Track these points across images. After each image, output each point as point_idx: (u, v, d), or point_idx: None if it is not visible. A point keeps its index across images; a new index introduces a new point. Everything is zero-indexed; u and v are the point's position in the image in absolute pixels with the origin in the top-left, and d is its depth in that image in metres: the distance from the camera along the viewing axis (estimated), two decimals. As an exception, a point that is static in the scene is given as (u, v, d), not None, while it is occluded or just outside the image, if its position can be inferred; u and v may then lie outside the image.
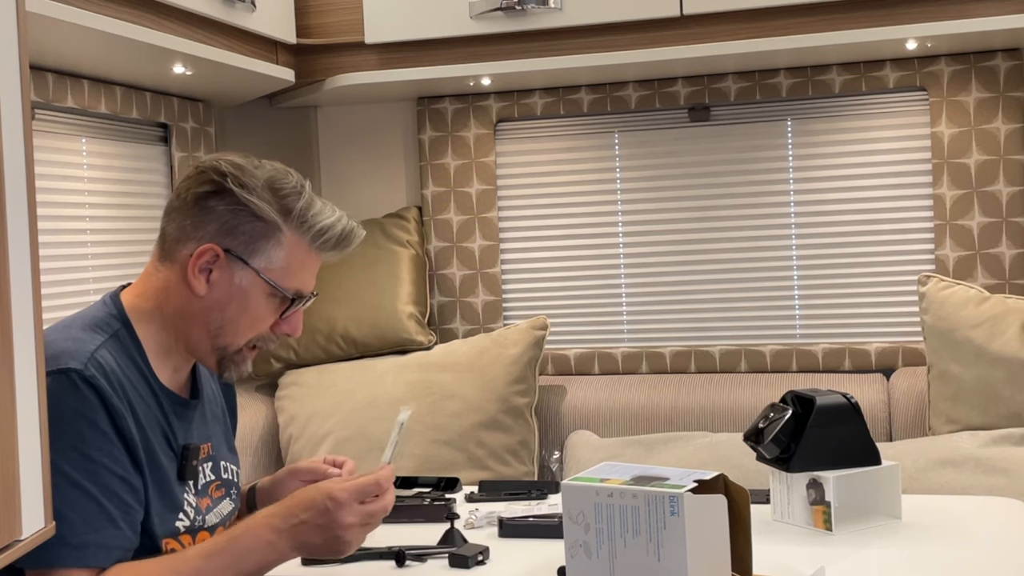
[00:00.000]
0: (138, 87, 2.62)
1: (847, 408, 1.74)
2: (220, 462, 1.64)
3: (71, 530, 1.37)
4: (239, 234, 1.50)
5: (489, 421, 2.74)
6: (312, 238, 1.54)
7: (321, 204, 1.56)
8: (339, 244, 1.57)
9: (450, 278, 3.08)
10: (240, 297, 1.52)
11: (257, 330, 1.55)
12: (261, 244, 1.51)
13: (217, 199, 1.50)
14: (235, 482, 1.68)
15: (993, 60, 2.72)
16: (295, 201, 1.52)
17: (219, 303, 1.52)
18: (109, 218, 2.60)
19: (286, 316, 1.56)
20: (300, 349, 2.96)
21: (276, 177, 1.53)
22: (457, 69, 2.76)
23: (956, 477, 2.34)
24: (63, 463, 1.38)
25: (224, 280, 1.51)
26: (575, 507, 1.37)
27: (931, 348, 2.57)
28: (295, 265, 1.54)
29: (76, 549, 1.38)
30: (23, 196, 1.16)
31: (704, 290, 2.97)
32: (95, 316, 1.52)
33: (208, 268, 1.51)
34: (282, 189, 1.52)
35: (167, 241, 1.54)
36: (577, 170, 3.04)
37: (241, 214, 1.50)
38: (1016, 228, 2.73)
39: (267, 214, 1.50)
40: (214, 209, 1.50)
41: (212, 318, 1.52)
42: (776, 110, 2.91)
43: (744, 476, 1.80)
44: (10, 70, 1.15)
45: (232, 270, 1.51)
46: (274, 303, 1.54)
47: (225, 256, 1.50)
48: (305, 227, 1.53)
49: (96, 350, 1.44)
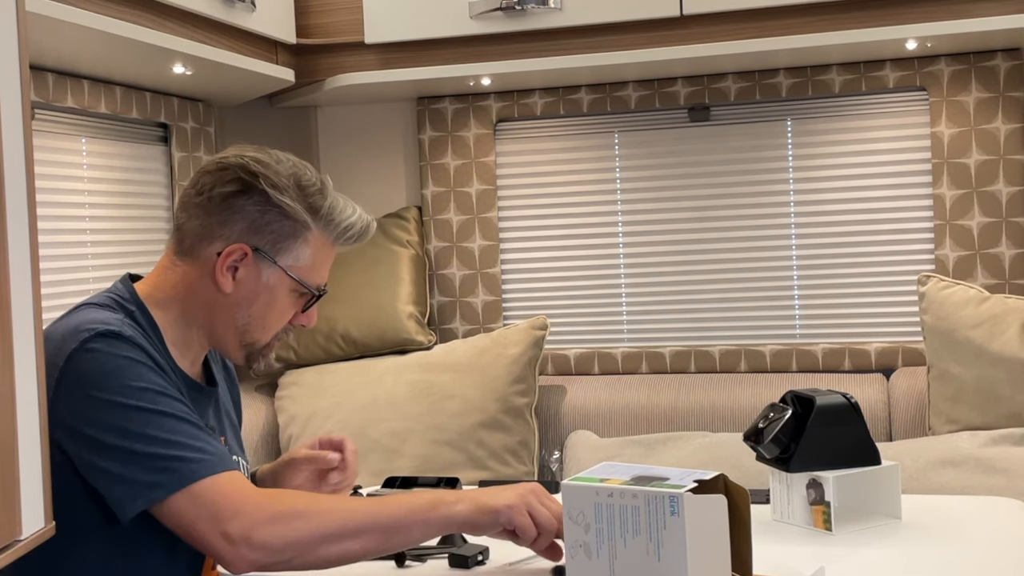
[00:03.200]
0: (138, 87, 2.62)
1: (847, 408, 1.73)
2: (233, 456, 1.65)
3: (188, 448, 1.39)
4: (267, 233, 1.52)
5: (489, 421, 2.74)
6: (337, 236, 1.57)
7: (342, 200, 1.58)
8: (359, 238, 1.61)
9: (450, 278, 3.08)
10: (267, 294, 1.54)
11: (281, 324, 1.58)
12: (289, 243, 1.53)
13: (245, 198, 1.51)
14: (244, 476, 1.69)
15: (993, 60, 2.72)
16: (321, 200, 1.54)
17: (246, 300, 1.53)
18: (109, 218, 2.60)
19: (307, 310, 1.59)
20: (300, 349, 2.96)
21: (299, 174, 1.54)
22: (457, 69, 2.76)
23: (956, 477, 2.34)
24: (144, 402, 1.39)
25: (251, 278, 1.53)
26: (575, 507, 1.37)
27: (931, 348, 2.57)
28: (319, 261, 1.57)
29: (203, 462, 1.39)
30: (23, 196, 1.16)
31: (704, 290, 2.97)
32: (107, 296, 1.52)
33: (235, 266, 1.52)
34: (308, 187, 1.54)
35: (187, 237, 1.54)
36: (577, 170, 3.04)
37: (270, 214, 1.51)
38: (1016, 228, 2.73)
39: (298, 214, 1.52)
40: (243, 208, 1.51)
41: (238, 315, 1.54)
42: (776, 110, 2.91)
43: (744, 476, 1.80)
44: (10, 70, 1.15)
45: (259, 268, 1.53)
46: (296, 298, 1.57)
47: (253, 254, 1.51)
48: (332, 225, 1.55)
49: (122, 320, 1.46)
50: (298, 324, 1.60)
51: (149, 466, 1.37)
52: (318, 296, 1.58)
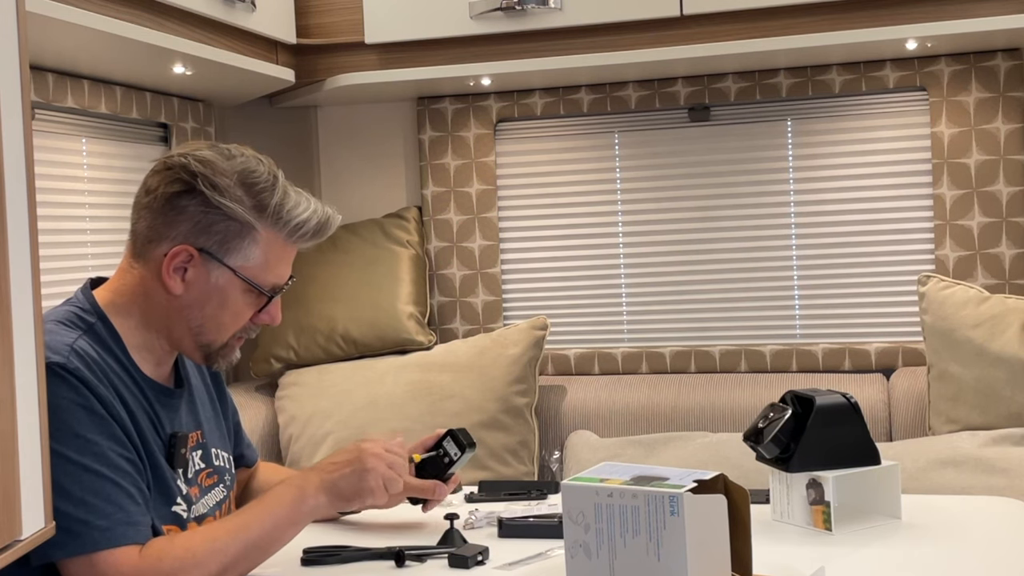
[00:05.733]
0: (138, 87, 2.62)
1: (847, 408, 1.73)
2: (211, 449, 1.65)
3: (96, 513, 1.38)
4: (213, 233, 1.50)
5: (489, 421, 2.74)
6: (288, 233, 1.54)
7: (295, 196, 1.54)
8: (315, 235, 1.57)
9: (450, 278, 3.08)
10: (218, 295, 1.52)
11: (239, 324, 1.56)
12: (236, 243, 1.51)
13: (188, 198, 1.49)
14: (227, 468, 1.69)
15: (993, 60, 2.72)
16: (269, 197, 1.51)
17: (197, 302, 1.52)
18: (109, 218, 2.60)
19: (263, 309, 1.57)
20: (300, 349, 2.95)
21: (248, 170, 1.51)
22: (457, 69, 2.76)
23: (956, 477, 2.34)
24: (69, 451, 1.38)
25: (200, 279, 1.51)
26: (575, 507, 1.37)
27: (931, 348, 2.57)
28: (272, 260, 1.54)
29: (107, 531, 1.39)
30: (23, 196, 1.16)
31: (704, 290, 2.97)
32: (68, 311, 1.52)
33: (183, 267, 1.51)
34: (256, 184, 1.51)
35: (139, 239, 1.54)
36: (577, 170, 3.04)
37: (212, 214, 1.49)
38: (1016, 228, 2.73)
39: (240, 215, 1.50)
40: (186, 209, 1.50)
41: (192, 316, 1.53)
42: (776, 110, 2.91)
43: (744, 476, 1.79)
44: (10, 70, 1.15)
45: (208, 269, 1.51)
46: (252, 298, 1.55)
47: (200, 256, 1.50)
48: (281, 223, 1.53)
49: (74, 342, 1.45)
50: (260, 323, 1.58)
51: (56, 522, 1.37)
52: (271, 296, 1.56)
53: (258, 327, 1.59)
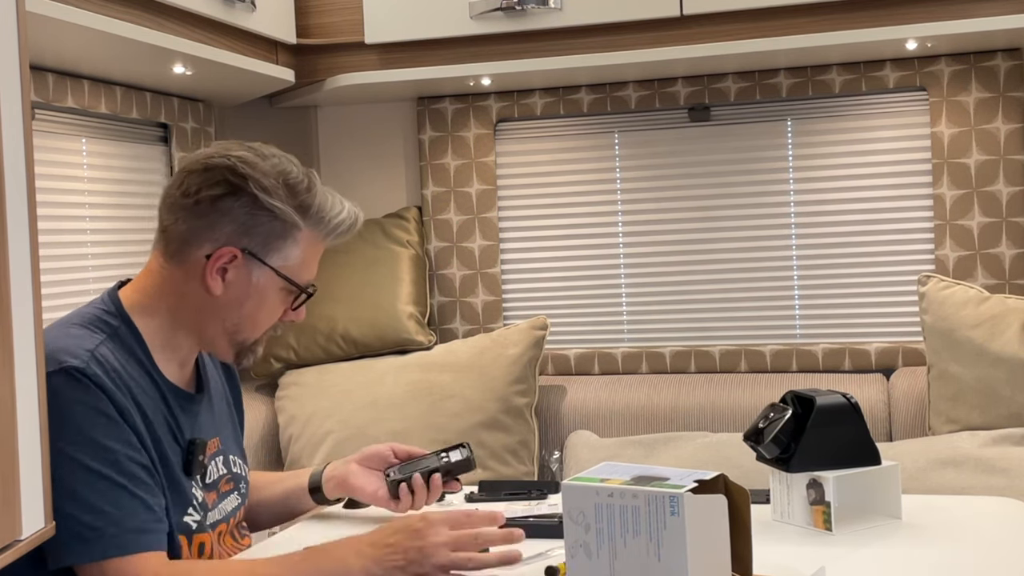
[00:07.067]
0: (138, 87, 2.62)
1: (847, 408, 1.73)
2: (230, 456, 1.65)
3: (108, 520, 1.38)
4: (256, 235, 1.50)
5: (489, 421, 2.74)
6: (327, 232, 1.56)
7: (330, 196, 1.56)
8: (347, 233, 1.59)
9: (450, 278, 3.08)
10: (257, 295, 1.53)
11: (271, 322, 1.57)
12: (278, 243, 1.52)
13: (233, 200, 1.49)
14: (243, 476, 1.69)
15: (993, 60, 2.72)
16: (311, 198, 1.53)
17: (236, 301, 1.53)
18: (109, 218, 2.60)
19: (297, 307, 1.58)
20: (300, 349, 2.95)
21: (285, 171, 1.52)
22: (457, 69, 2.76)
23: (956, 477, 2.34)
24: (83, 456, 1.38)
25: (241, 279, 1.52)
26: (575, 507, 1.37)
27: (931, 348, 2.57)
28: (308, 259, 1.56)
29: (118, 538, 1.38)
30: (23, 196, 1.16)
31: (704, 290, 2.97)
32: (92, 314, 1.51)
33: (224, 268, 1.51)
34: (297, 186, 1.52)
35: (173, 240, 1.52)
36: (577, 170, 3.04)
37: (259, 216, 1.50)
38: (1016, 228, 2.73)
39: (288, 216, 1.50)
40: (231, 210, 1.49)
41: (229, 316, 1.53)
42: (776, 110, 2.91)
43: (744, 476, 1.79)
44: (10, 70, 1.15)
45: (249, 269, 1.52)
46: (286, 296, 1.56)
47: (243, 256, 1.50)
48: (322, 223, 1.54)
49: (96, 347, 1.44)
50: (288, 320, 1.59)
51: (68, 528, 1.37)
52: (310, 294, 1.57)
53: (283, 325, 1.60)
